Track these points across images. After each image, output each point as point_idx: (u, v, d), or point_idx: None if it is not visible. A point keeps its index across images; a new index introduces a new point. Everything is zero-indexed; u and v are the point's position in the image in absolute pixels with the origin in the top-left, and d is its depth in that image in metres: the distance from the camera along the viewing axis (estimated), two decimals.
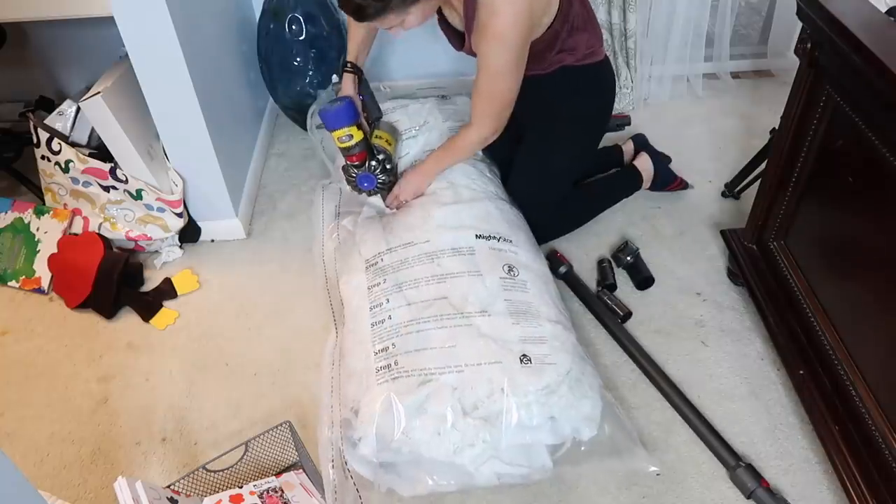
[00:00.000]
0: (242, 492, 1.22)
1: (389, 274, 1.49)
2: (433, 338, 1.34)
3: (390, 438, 1.25)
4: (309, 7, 2.09)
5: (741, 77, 2.56)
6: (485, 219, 1.59)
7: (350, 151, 1.62)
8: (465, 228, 1.55)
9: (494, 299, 1.40)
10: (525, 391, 1.26)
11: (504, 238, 1.55)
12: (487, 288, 1.42)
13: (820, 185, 1.41)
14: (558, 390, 1.28)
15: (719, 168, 2.12)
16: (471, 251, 1.49)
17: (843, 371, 1.33)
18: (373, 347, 1.37)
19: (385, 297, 1.45)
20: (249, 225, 2.02)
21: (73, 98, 1.84)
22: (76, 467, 1.45)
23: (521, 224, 1.66)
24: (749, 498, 1.32)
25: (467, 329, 1.35)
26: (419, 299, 1.42)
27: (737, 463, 1.35)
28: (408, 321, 1.38)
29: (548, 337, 1.35)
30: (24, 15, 1.63)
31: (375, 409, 1.27)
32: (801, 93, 1.40)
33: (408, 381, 1.28)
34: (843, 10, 1.21)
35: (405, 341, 1.35)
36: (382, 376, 1.31)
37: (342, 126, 1.57)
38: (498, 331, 1.34)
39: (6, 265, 1.87)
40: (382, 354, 1.34)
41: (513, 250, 1.53)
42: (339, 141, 1.60)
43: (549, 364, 1.30)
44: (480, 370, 1.28)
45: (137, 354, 1.68)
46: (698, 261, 1.83)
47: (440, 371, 1.29)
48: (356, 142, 1.60)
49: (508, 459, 1.28)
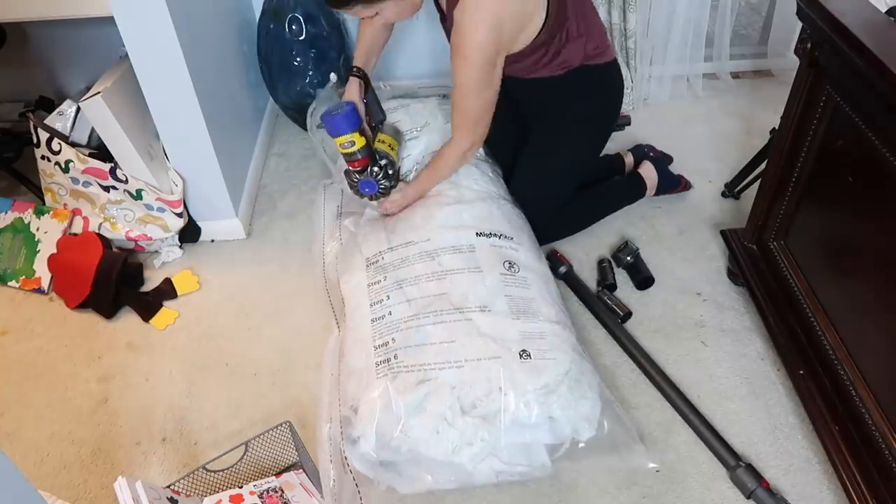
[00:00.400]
0: (242, 492, 1.23)
1: (390, 271, 1.49)
2: (433, 334, 1.34)
3: (389, 437, 1.25)
4: (309, 7, 2.09)
5: (741, 77, 2.57)
6: (486, 218, 1.59)
7: (352, 157, 1.61)
8: (466, 228, 1.55)
9: (495, 296, 1.40)
10: (524, 390, 1.26)
11: (505, 236, 1.55)
12: (488, 285, 1.42)
13: (820, 186, 1.41)
14: (557, 390, 1.28)
15: (719, 168, 2.12)
16: (471, 249, 1.50)
17: (843, 371, 1.33)
18: (373, 343, 1.37)
19: (385, 294, 1.45)
20: (249, 225, 2.02)
21: (73, 98, 1.85)
22: (76, 467, 1.45)
23: (522, 224, 1.66)
24: (749, 498, 1.32)
25: (467, 325, 1.35)
26: (419, 296, 1.42)
27: (737, 463, 1.35)
28: (408, 317, 1.38)
29: (548, 333, 1.35)
30: (24, 15, 1.63)
31: (375, 405, 1.27)
32: (801, 93, 1.40)
33: (407, 379, 1.28)
34: (844, 10, 1.21)
35: (405, 336, 1.35)
36: (382, 371, 1.31)
37: (344, 132, 1.57)
38: (498, 327, 1.34)
39: (6, 265, 1.87)
40: (382, 349, 1.35)
41: (513, 248, 1.53)
42: (342, 147, 1.59)
43: (548, 360, 1.30)
44: (480, 366, 1.28)
45: (137, 354, 1.68)
46: (698, 261, 1.83)
47: (440, 366, 1.29)
48: (358, 148, 1.59)
49: (507, 458, 1.28)
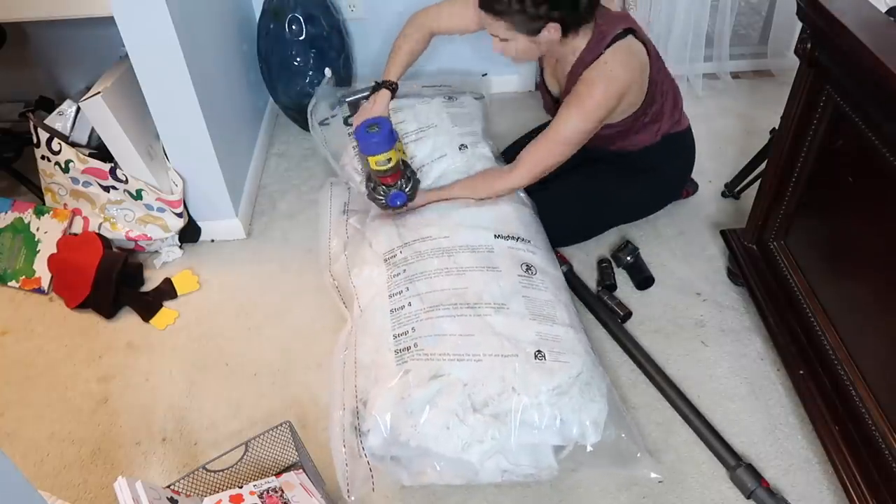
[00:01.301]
0: (242, 492, 1.22)
1: (406, 265, 1.49)
2: (450, 327, 1.35)
3: (400, 431, 1.25)
4: (309, 7, 2.09)
5: (741, 77, 2.57)
6: (504, 220, 1.60)
7: (386, 174, 1.57)
8: (483, 228, 1.56)
9: (512, 296, 1.40)
10: (537, 391, 1.26)
11: (522, 239, 1.56)
12: (504, 286, 1.42)
13: (820, 186, 1.41)
14: (569, 392, 1.29)
15: (719, 168, 2.12)
16: (489, 249, 1.50)
17: (843, 371, 1.33)
18: (392, 332, 1.37)
19: (402, 286, 1.45)
20: (249, 225, 2.02)
21: (74, 98, 1.84)
22: (76, 467, 1.45)
23: (538, 229, 1.67)
24: (749, 498, 1.32)
25: (484, 323, 1.35)
26: (436, 290, 1.42)
27: (737, 463, 1.35)
28: (427, 309, 1.38)
29: (562, 336, 1.36)
30: (24, 15, 1.63)
31: (388, 397, 1.27)
32: (801, 93, 1.40)
33: (421, 371, 1.29)
34: (844, 10, 1.21)
35: (423, 326, 1.36)
36: (401, 358, 1.31)
37: (383, 151, 1.53)
38: (513, 327, 1.35)
39: (6, 265, 1.87)
40: (402, 338, 1.35)
41: (531, 251, 1.54)
42: (377, 164, 1.55)
43: (562, 362, 1.31)
44: (495, 362, 1.29)
45: (137, 354, 1.68)
46: (698, 261, 1.83)
47: (458, 357, 1.30)
48: (393, 164, 1.56)
49: (514, 458, 1.28)
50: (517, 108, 2.43)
